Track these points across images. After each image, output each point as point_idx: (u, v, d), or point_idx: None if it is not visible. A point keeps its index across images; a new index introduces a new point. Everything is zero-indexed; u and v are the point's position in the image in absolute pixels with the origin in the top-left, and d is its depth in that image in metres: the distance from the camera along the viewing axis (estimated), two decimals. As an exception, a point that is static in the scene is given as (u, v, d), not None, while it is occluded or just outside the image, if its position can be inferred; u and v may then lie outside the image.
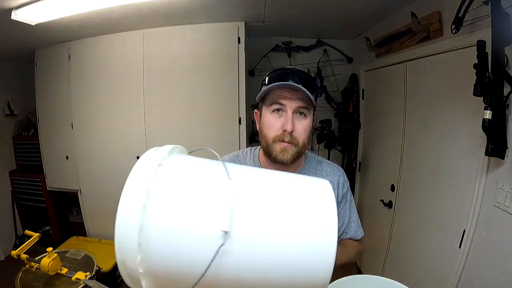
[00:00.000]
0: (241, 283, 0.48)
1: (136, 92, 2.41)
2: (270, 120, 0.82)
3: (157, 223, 0.47)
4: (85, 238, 2.74)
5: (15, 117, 3.05)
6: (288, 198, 0.53)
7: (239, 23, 2.24)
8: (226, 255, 0.45)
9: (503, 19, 1.08)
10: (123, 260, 0.48)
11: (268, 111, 0.83)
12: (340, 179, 0.94)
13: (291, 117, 0.79)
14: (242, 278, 0.48)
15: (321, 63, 2.85)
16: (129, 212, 0.47)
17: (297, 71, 0.82)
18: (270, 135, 0.82)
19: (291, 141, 0.80)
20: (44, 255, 1.25)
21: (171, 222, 0.47)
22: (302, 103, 0.80)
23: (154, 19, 2.13)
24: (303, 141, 0.83)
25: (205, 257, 0.44)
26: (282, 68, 0.85)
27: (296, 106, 0.80)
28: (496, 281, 1.18)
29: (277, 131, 0.81)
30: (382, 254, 2.18)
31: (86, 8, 1.71)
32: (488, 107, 1.12)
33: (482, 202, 1.28)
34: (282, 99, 0.80)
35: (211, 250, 0.44)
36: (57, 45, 2.51)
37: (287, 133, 0.79)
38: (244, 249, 0.46)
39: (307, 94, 0.78)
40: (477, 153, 1.29)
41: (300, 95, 0.79)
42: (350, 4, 1.91)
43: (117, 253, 0.48)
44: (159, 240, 0.47)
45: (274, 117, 0.82)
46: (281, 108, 0.81)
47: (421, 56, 1.73)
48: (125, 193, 0.49)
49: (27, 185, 2.98)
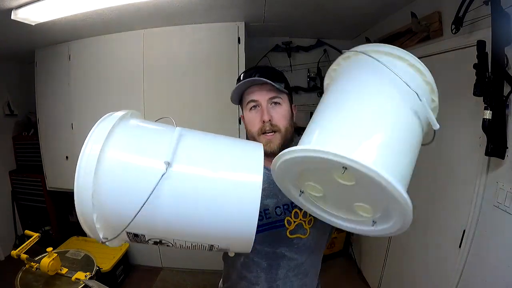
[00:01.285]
0: (176, 216, 0.55)
1: (136, 92, 2.41)
2: (249, 117, 0.88)
3: (109, 166, 0.54)
4: (85, 238, 2.73)
5: (15, 117, 3.05)
6: (223, 147, 0.65)
7: (239, 23, 2.24)
8: (166, 185, 0.53)
9: (503, 19, 1.08)
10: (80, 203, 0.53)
11: (247, 111, 0.89)
12: None
13: (266, 108, 0.85)
14: (177, 211, 0.54)
15: (321, 63, 2.85)
16: (86, 161, 0.54)
17: (259, 68, 0.89)
18: (253, 130, 0.88)
19: (273, 129, 0.85)
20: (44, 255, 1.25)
21: (123, 161, 0.56)
22: (272, 93, 0.86)
23: (154, 19, 2.13)
24: (285, 127, 0.87)
25: (148, 186, 0.51)
26: (247, 69, 0.91)
27: (268, 98, 0.85)
28: (496, 281, 1.18)
29: (258, 124, 0.86)
30: (382, 254, 2.18)
31: (86, 8, 1.71)
32: (488, 107, 1.12)
33: (482, 202, 1.28)
34: (253, 96, 0.86)
35: (155, 178, 0.51)
36: (57, 45, 2.51)
37: (266, 123, 0.84)
38: (181, 180, 0.54)
39: (273, 84, 0.83)
40: (477, 153, 1.29)
41: (268, 87, 0.85)
42: (350, 4, 1.91)
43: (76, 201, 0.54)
44: (111, 181, 0.54)
45: (252, 113, 0.88)
46: (256, 104, 0.87)
47: (421, 56, 1.71)
48: (85, 144, 0.59)
49: (27, 185, 2.98)
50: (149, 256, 2.70)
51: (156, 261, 2.69)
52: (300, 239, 0.89)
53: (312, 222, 0.89)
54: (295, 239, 0.89)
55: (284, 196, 0.87)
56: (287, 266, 0.89)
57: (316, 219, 0.88)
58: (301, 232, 0.89)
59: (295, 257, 0.89)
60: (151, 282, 2.55)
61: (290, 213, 0.88)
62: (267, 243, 0.88)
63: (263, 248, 0.88)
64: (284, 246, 0.88)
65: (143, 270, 2.70)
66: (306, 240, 0.89)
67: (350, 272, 2.66)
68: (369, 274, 2.49)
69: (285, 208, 0.88)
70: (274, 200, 0.88)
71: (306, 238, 0.89)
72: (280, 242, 0.88)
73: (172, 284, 2.53)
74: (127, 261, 2.62)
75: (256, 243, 0.89)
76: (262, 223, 0.88)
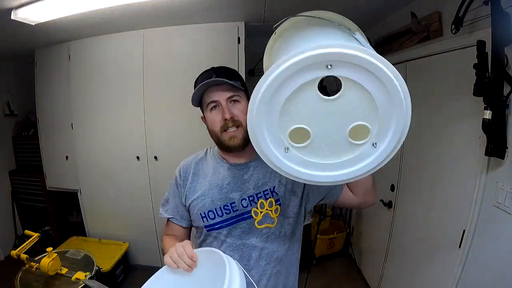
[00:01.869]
0: None
1: (136, 92, 2.41)
2: (211, 117, 0.90)
3: None
4: (85, 238, 2.74)
5: (15, 117, 3.06)
6: None
7: (239, 23, 2.24)
8: None
9: (503, 19, 1.08)
10: None
11: (208, 111, 0.91)
12: None
13: (226, 107, 0.87)
14: None
15: (321, 63, 2.85)
16: None
17: (215, 68, 0.92)
18: (215, 128, 0.90)
19: (235, 124, 0.87)
20: (44, 255, 1.26)
21: None
22: (230, 92, 0.88)
23: (154, 19, 2.13)
24: (246, 121, 0.87)
25: None
26: (201, 72, 0.95)
27: (226, 97, 0.87)
28: (496, 281, 1.18)
29: (220, 122, 0.88)
30: (382, 254, 2.18)
31: (86, 8, 1.71)
32: (488, 107, 1.12)
33: (482, 202, 1.28)
34: (213, 96, 0.88)
35: None
36: (57, 45, 2.51)
37: (228, 120, 0.87)
38: None
39: (230, 83, 0.86)
40: (477, 153, 1.29)
41: (226, 87, 0.87)
42: (350, 4, 1.91)
43: None
44: None
45: (214, 113, 0.90)
46: (216, 104, 0.89)
47: (421, 56, 1.73)
48: None
49: (27, 185, 2.98)
50: (149, 256, 2.70)
51: (156, 261, 2.69)
52: (268, 228, 0.91)
53: (279, 211, 0.92)
54: (264, 229, 0.91)
55: (249, 188, 0.91)
56: (259, 256, 0.91)
57: (282, 207, 0.91)
58: (269, 222, 0.91)
59: (266, 246, 0.92)
60: (151, 282, 2.55)
61: (256, 204, 0.91)
62: (236, 236, 0.91)
63: (234, 241, 0.91)
64: (253, 236, 0.91)
65: (143, 270, 2.70)
66: (275, 229, 0.92)
67: (350, 272, 2.66)
68: (369, 274, 2.49)
69: (251, 199, 0.91)
70: (239, 193, 0.91)
71: (274, 227, 0.92)
72: (249, 233, 0.91)
73: (172, 284, 2.53)
74: (127, 261, 2.62)
75: (226, 237, 0.91)
76: (230, 216, 0.91)
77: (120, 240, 2.64)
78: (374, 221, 2.39)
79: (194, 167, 1.00)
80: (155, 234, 2.62)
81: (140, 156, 2.49)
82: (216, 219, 0.92)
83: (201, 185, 0.96)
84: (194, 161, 1.02)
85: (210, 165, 0.98)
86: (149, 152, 2.48)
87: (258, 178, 0.92)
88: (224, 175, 0.94)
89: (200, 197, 0.94)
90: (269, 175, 0.92)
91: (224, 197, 0.92)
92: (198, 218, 0.94)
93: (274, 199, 0.91)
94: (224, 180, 0.93)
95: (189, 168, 1.00)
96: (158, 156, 2.47)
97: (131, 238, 2.67)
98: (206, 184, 0.95)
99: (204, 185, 0.95)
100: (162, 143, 2.46)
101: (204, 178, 0.97)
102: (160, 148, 2.47)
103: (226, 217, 0.92)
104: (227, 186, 0.93)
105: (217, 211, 0.92)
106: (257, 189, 0.91)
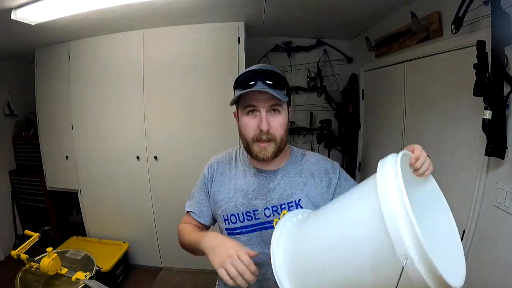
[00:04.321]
0: None
1: (136, 92, 2.41)
2: (246, 121, 0.86)
3: None
4: (85, 238, 2.74)
5: (15, 117, 3.05)
6: None
7: (239, 23, 2.24)
8: None
9: (503, 19, 1.08)
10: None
11: (243, 113, 0.87)
12: (327, 165, 0.95)
13: (265, 117, 0.83)
14: None
15: (321, 63, 2.85)
16: None
17: (264, 71, 0.84)
18: (248, 135, 0.86)
19: (269, 138, 0.84)
20: (44, 255, 1.26)
21: None
22: (273, 101, 0.83)
23: (154, 19, 2.13)
24: (281, 136, 0.86)
25: None
26: (249, 70, 0.88)
27: (267, 106, 0.83)
28: (496, 281, 1.18)
29: (254, 130, 0.85)
30: (382, 254, 2.18)
31: (86, 8, 1.71)
32: (488, 107, 1.12)
33: (482, 202, 1.28)
34: (253, 101, 0.83)
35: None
36: (57, 45, 2.51)
37: (263, 132, 0.83)
38: None
39: (274, 94, 0.80)
40: (477, 153, 1.29)
41: (269, 95, 0.82)
42: (350, 4, 1.91)
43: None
44: None
45: (249, 117, 0.85)
46: (255, 109, 0.84)
47: (421, 56, 1.73)
48: None
49: (27, 185, 2.98)
50: (149, 256, 2.70)
51: (156, 261, 2.69)
52: None
53: None
54: None
55: (273, 198, 0.89)
56: None
57: None
58: None
59: None
60: (151, 282, 2.54)
61: (279, 215, 0.89)
62: (256, 244, 0.90)
63: (252, 248, 0.88)
64: None
65: (143, 270, 2.70)
66: None
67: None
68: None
69: (274, 209, 0.89)
70: (263, 201, 0.90)
71: None
72: (268, 243, 0.87)
73: (172, 284, 2.53)
74: (127, 261, 2.62)
75: (245, 243, 0.89)
76: (251, 223, 0.90)
77: (120, 240, 2.64)
78: (374, 221, 2.38)
79: (223, 167, 0.98)
80: (155, 234, 2.62)
81: (140, 156, 2.49)
82: (237, 224, 0.91)
83: (226, 187, 0.94)
84: (224, 161, 0.99)
85: (239, 167, 0.96)
86: (149, 152, 2.48)
87: (284, 188, 0.90)
88: (250, 181, 0.92)
89: (224, 199, 0.93)
90: (296, 187, 0.90)
91: (247, 203, 0.90)
92: (221, 219, 0.94)
93: None
94: (249, 186, 0.91)
95: (219, 166, 0.98)
96: (158, 156, 2.47)
97: (131, 238, 2.67)
98: (231, 187, 0.93)
99: (230, 188, 0.93)
100: (162, 143, 2.46)
101: (230, 180, 0.95)
102: (160, 148, 2.46)
103: (247, 224, 0.90)
104: (252, 192, 0.91)
105: (239, 216, 0.90)
106: (281, 200, 0.89)
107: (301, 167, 0.94)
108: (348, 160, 2.88)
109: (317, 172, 0.93)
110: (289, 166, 0.93)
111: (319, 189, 0.91)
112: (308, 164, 0.94)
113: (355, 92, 2.76)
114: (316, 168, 0.93)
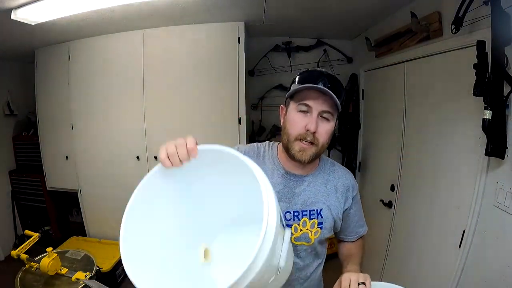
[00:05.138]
0: None
1: (136, 92, 2.41)
2: (294, 118, 0.84)
3: None
4: (85, 238, 2.74)
5: (15, 117, 3.05)
6: None
7: (239, 23, 2.24)
8: None
9: (503, 19, 1.08)
10: None
11: (294, 109, 0.85)
12: (352, 182, 0.98)
13: (315, 119, 0.81)
14: None
15: (321, 63, 2.85)
16: None
17: (328, 75, 0.84)
18: (293, 132, 0.84)
19: (312, 141, 0.82)
20: (44, 255, 1.26)
21: None
22: (328, 107, 0.82)
23: (154, 19, 2.13)
24: (323, 143, 0.85)
25: None
26: (313, 69, 0.88)
27: (321, 110, 0.82)
28: (496, 281, 1.18)
29: (300, 129, 0.83)
30: (382, 254, 2.18)
31: (86, 8, 1.71)
32: (488, 107, 1.12)
33: (482, 202, 1.28)
34: (309, 100, 0.82)
35: None
36: (57, 45, 2.51)
37: (309, 132, 0.81)
38: None
39: (334, 99, 0.80)
40: (477, 153, 1.29)
41: (327, 99, 0.81)
42: (350, 4, 1.91)
43: None
44: None
45: (299, 116, 0.83)
46: (307, 109, 0.82)
47: (421, 56, 1.73)
48: None
49: (27, 185, 2.98)
50: (149, 256, 2.70)
51: (156, 261, 2.69)
52: (303, 245, 0.91)
53: (319, 233, 0.91)
54: (299, 246, 0.91)
55: (297, 203, 0.89)
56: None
57: (323, 231, 0.91)
58: (306, 241, 0.91)
59: (297, 261, 0.92)
60: (151, 282, 2.54)
61: (299, 220, 0.89)
62: None
63: None
64: None
65: (143, 270, 2.69)
66: (309, 247, 0.92)
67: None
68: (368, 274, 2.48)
69: (295, 215, 0.89)
70: (286, 204, 0.89)
71: (309, 246, 0.92)
72: None
73: (172, 284, 2.53)
74: (127, 261, 2.62)
75: None
76: None
77: (120, 240, 2.64)
78: (374, 221, 2.38)
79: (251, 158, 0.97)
80: (155, 234, 2.62)
81: (140, 156, 2.49)
82: None
83: None
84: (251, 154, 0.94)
85: (267, 165, 0.93)
86: (149, 152, 2.48)
87: (308, 195, 0.90)
88: (277, 181, 0.90)
89: None
90: (320, 196, 0.91)
91: None
92: None
93: (318, 221, 0.90)
94: (275, 187, 0.88)
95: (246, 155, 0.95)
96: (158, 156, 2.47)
97: (131, 238, 2.67)
98: None
99: None
100: (162, 143, 2.45)
101: None
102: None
103: None
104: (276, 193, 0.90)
105: None
106: (304, 207, 0.90)
107: (328, 177, 0.94)
108: (348, 160, 2.88)
109: (341, 187, 0.94)
110: (317, 174, 0.94)
111: (338, 203, 0.93)
112: (335, 177, 0.95)
113: (355, 92, 2.76)
114: (340, 183, 0.94)
